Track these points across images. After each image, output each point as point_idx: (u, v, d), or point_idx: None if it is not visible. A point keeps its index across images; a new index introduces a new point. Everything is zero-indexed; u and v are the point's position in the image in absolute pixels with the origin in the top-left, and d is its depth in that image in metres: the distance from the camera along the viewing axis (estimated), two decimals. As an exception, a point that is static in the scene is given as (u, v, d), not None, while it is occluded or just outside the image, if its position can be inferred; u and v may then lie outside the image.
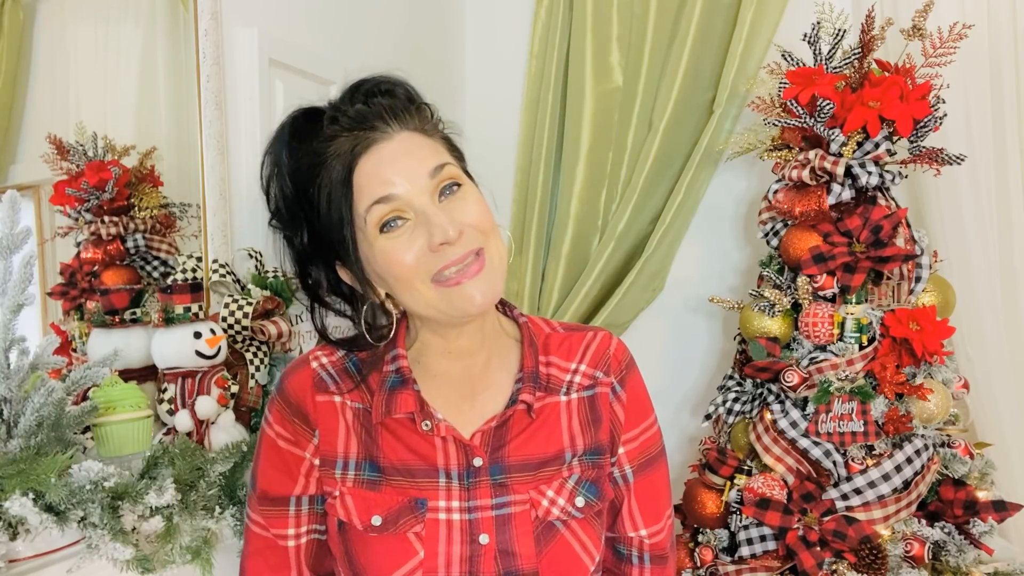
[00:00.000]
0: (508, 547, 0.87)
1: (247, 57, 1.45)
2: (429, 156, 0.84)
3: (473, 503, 0.88)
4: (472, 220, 0.84)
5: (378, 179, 0.82)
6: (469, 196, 0.86)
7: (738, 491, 1.64)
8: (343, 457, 0.91)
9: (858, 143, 1.56)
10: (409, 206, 0.83)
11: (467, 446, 0.89)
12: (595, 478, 0.94)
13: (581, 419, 0.95)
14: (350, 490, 0.90)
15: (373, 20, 1.88)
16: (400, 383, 0.90)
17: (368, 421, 0.91)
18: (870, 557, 1.49)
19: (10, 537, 0.90)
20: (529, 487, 0.90)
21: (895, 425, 1.52)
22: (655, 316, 2.16)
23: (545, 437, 0.92)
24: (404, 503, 0.88)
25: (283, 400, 0.94)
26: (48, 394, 0.93)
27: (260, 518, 0.94)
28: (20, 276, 0.93)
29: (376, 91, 0.86)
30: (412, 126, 0.86)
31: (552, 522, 0.90)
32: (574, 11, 2.11)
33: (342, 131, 0.84)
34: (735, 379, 1.78)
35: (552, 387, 0.95)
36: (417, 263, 0.83)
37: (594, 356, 0.98)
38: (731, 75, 1.94)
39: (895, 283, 1.61)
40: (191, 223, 1.34)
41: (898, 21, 1.67)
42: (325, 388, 0.92)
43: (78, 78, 1.21)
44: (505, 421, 0.91)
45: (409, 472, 0.89)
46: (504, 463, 0.90)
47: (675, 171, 2.04)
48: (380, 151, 0.83)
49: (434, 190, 0.84)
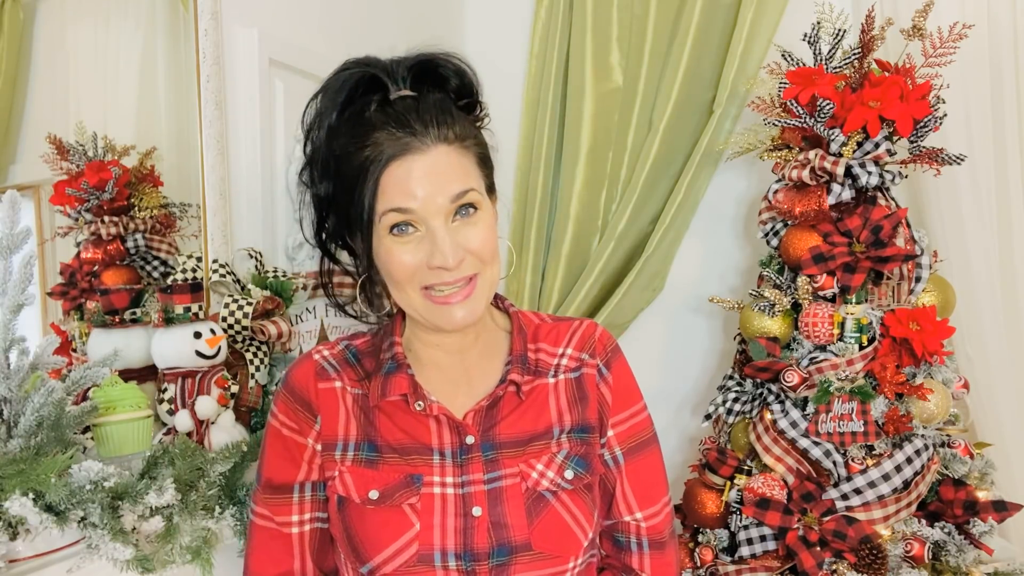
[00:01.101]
0: (500, 519, 0.91)
1: (247, 57, 1.45)
2: (456, 179, 0.87)
3: (466, 478, 0.92)
4: (475, 247, 0.89)
5: (401, 190, 0.86)
6: (480, 222, 0.90)
7: (738, 491, 1.64)
8: (343, 439, 0.95)
9: (858, 143, 1.56)
10: (423, 221, 0.87)
11: (459, 425, 0.93)
12: (584, 453, 0.97)
13: (568, 397, 0.99)
14: (349, 468, 0.94)
15: (373, 20, 1.88)
16: (395, 368, 0.95)
17: (367, 405, 0.96)
18: (870, 557, 1.49)
19: (10, 537, 0.90)
20: (519, 461, 0.94)
21: (895, 425, 1.52)
22: (655, 316, 2.16)
23: (535, 416, 0.97)
24: (400, 478, 0.92)
25: (287, 390, 0.98)
26: (48, 394, 0.93)
27: (264, 509, 0.97)
28: (20, 276, 0.93)
29: (431, 76, 0.90)
30: (450, 137, 0.88)
31: (542, 493, 0.93)
32: (574, 11, 2.11)
33: (387, 123, 0.87)
34: (735, 379, 1.78)
35: (541, 370, 0.99)
36: (413, 271, 0.88)
37: (580, 340, 1.02)
38: (731, 75, 1.93)
39: (895, 283, 1.61)
40: (191, 223, 1.34)
41: (898, 21, 1.67)
42: (327, 376, 0.97)
43: (78, 78, 1.21)
44: (495, 401, 0.95)
45: (405, 451, 0.93)
46: (495, 440, 0.94)
47: (675, 171, 2.04)
48: (412, 163, 0.86)
49: (450, 212, 0.87)
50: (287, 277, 1.41)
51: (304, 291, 1.47)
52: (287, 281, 1.39)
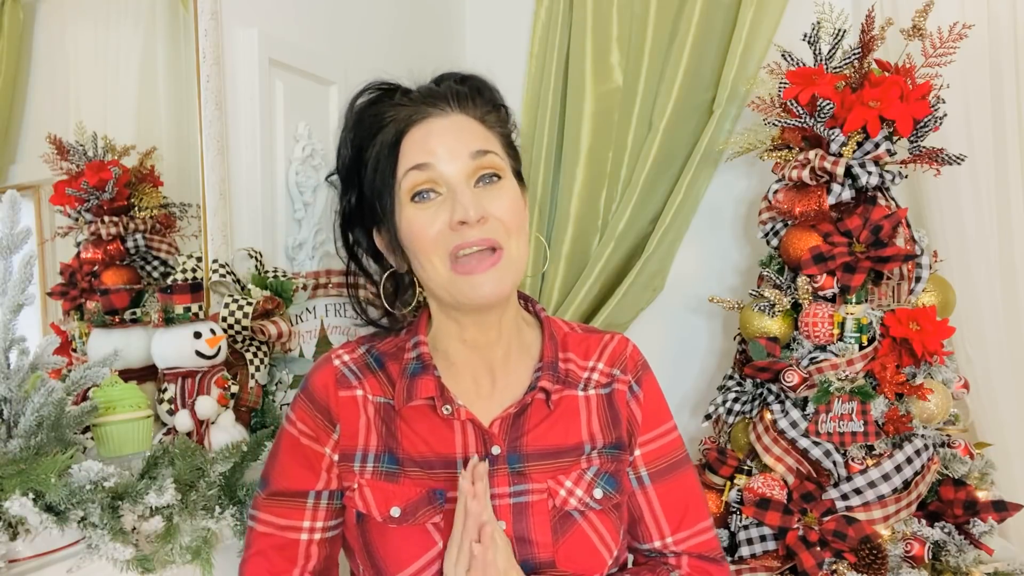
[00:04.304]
0: (525, 535, 0.88)
1: (247, 57, 1.45)
2: (476, 139, 0.87)
3: (491, 491, 0.88)
4: (499, 212, 0.87)
5: (422, 147, 0.86)
6: (506, 191, 0.89)
7: (738, 491, 1.64)
8: (363, 450, 0.92)
9: (858, 143, 1.56)
10: (443, 179, 0.86)
11: (486, 433, 0.90)
12: (614, 471, 0.94)
13: (600, 418, 0.95)
14: (369, 482, 0.90)
15: (373, 20, 1.88)
16: (421, 369, 0.92)
17: (388, 415, 0.93)
18: (870, 557, 1.49)
19: (10, 537, 0.90)
20: (547, 476, 0.90)
21: (895, 425, 1.52)
22: (655, 316, 2.16)
23: (564, 428, 0.93)
24: (422, 494, 0.89)
25: (307, 397, 0.96)
26: (48, 394, 0.93)
27: (268, 514, 0.94)
28: (20, 276, 0.93)
29: (452, 76, 0.92)
30: (472, 113, 0.90)
31: (570, 512, 0.90)
32: (574, 11, 2.11)
33: (408, 103, 0.89)
34: (735, 379, 1.78)
35: (571, 381, 0.96)
36: (437, 237, 0.86)
37: (612, 356, 1.00)
38: (731, 75, 1.93)
39: (895, 283, 1.61)
40: (191, 223, 1.34)
41: (898, 21, 1.67)
42: (348, 383, 0.94)
43: (78, 78, 1.21)
44: (524, 409, 0.92)
45: (428, 464, 0.90)
46: (522, 452, 0.91)
47: (675, 171, 2.04)
48: (431, 124, 0.87)
49: (472, 172, 0.86)
50: (287, 277, 1.41)
51: (304, 291, 1.47)
52: (287, 281, 1.39)
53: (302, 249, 1.60)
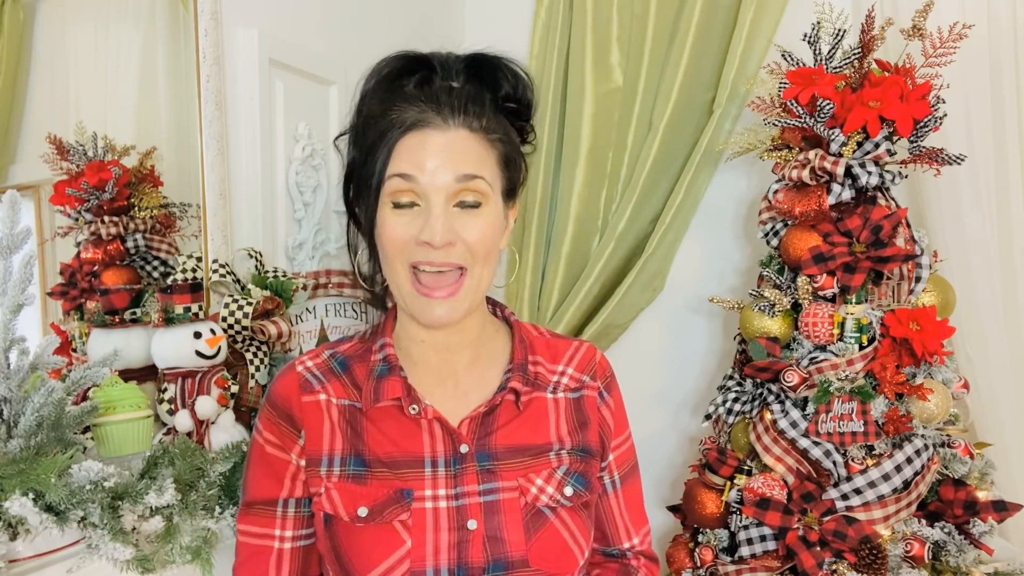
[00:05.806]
0: (497, 533, 0.88)
1: (247, 57, 1.45)
2: (468, 162, 0.87)
3: (460, 489, 0.89)
4: (471, 238, 0.87)
5: (411, 157, 0.86)
6: (483, 217, 0.89)
7: (738, 491, 1.64)
8: (328, 454, 0.92)
9: (858, 143, 1.56)
10: (424, 195, 0.86)
11: (453, 432, 0.91)
12: (583, 471, 0.95)
13: (569, 421, 0.97)
14: (336, 484, 0.90)
15: (373, 20, 1.88)
16: (387, 370, 0.93)
17: (354, 417, 0.93)
18: (870, 557, 1.49)
19: (10, 537, 0.90)
20: (517, 474, 0.91)
21: (895, 425, 1.52)
22: (655, 316, 2.16)
23: (532, 428, 0.94)
24: (390, 494, 0.89)
25: (271, 405, 0.95)
26: (48, 394, 0.93)
27: (246, 524, 0.95)
28: (20, 276, 0.93)
29: (484, 73, 0.91)
30: (474, 125, 0.88)
31: (541, 509, 0.91)
32: (574, 11, 2.11)
33: (417, 98, 0.88)
34: (735, 379, 1.78)
35: (539, 384, 0.97)
36: (403, 246, 0.87)
37: (581, 362, 1.01)
38: (731, 75, 1.93)
39: (895, 283, 1.61)
40: (191, 223, 1.34)
41: (898, 21, 1.67)
42: (311, 388, 0.94)
43: (78, 78, 1.21)
44: (493, 409, 0.93)
45: (395, 464, 0.90)
46: (491, 450, 0.91)
47: (675, 171, 2.04)
48: (428, 136, 0.86)
49: (453, 195, 0.87)
50: (287, 277, 1.41)
51: (304, 291, 1.47)
52: (287, 281, 1.39)
53: (302, 249, 1.60)
